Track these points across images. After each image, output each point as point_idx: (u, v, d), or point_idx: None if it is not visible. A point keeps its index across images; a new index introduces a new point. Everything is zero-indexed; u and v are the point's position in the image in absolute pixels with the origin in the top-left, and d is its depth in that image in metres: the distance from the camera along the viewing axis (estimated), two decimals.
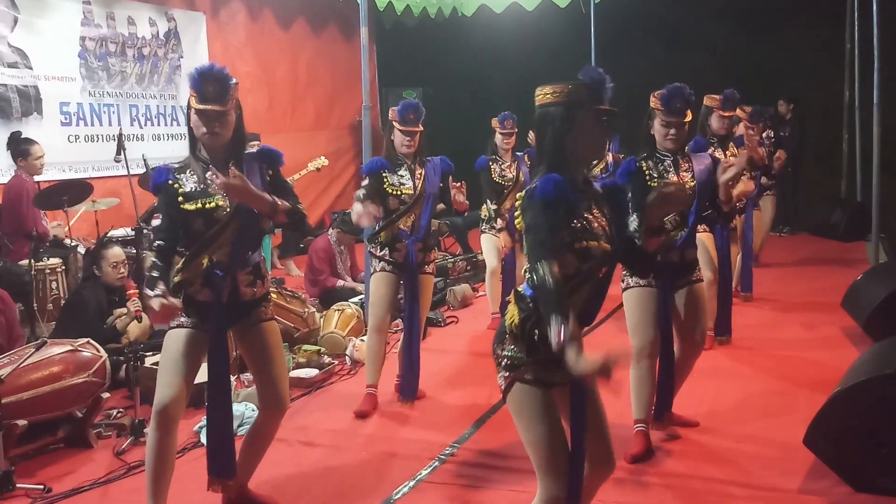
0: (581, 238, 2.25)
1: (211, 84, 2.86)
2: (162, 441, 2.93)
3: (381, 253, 4.22)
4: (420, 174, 4.19)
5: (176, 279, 2.94)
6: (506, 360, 2.33)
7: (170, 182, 2.91)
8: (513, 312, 2.32)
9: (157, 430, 2.93)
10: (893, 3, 7.10)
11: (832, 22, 9.71)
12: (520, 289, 2.34)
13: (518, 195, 2.34)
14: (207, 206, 2.90)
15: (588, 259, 2.27)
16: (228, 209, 2.92)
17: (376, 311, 4.24)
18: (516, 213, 2.31)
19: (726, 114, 5.14)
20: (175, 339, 2.96)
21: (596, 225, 2.30)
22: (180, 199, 2.89)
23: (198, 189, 2.91)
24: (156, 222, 2.97)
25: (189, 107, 2.92)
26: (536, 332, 2.25)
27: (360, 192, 4.03)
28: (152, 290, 2.76)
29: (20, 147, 5.95)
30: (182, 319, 2.95)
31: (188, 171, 2.94)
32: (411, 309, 4.21)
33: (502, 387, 2.37)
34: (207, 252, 2.93)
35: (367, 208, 3.90)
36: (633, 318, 3.61)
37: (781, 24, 9.77)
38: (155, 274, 2.82)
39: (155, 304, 2.73)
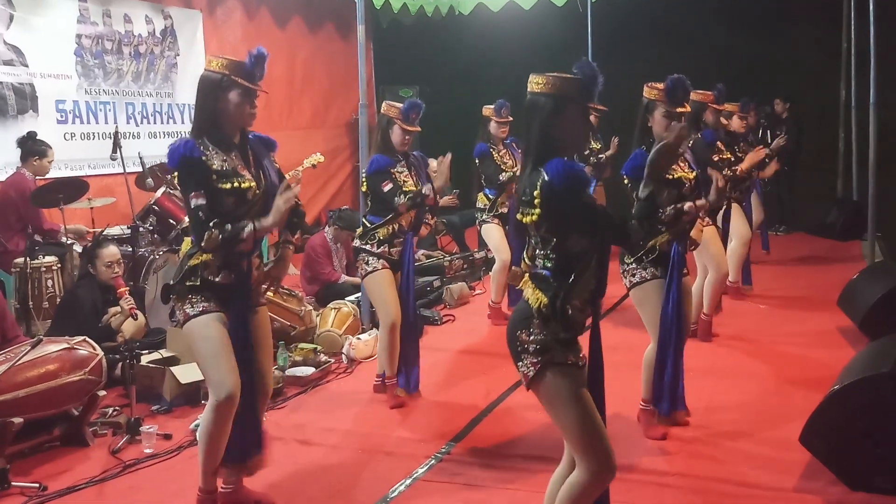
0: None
1: (261, 67, 2.94)
2: (227, 424, 2.95)
3: (380, 250, 4.20)
4: (413, 171, 4.23)
5: (192, 262, 2.91)
6: (534, 345, 2.36)
7: (203, 158, 2.86)
8: (537, 296, 2.36)
9: (228, 411, 2.91)
10: (890, 3, 7.11)
11: (829, 21, 9.73)
12: (539, 272, 2.39)
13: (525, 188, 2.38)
14: (242, 185, 2.90)
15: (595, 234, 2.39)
16: (258, 190, 2.94)
17: (392, 309, 4.21)
18: (504, 202, 2.43)
19: (721, 107, 5.29)
20: (211, 324, 2.91)
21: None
22: (214, 176, 2.86)
23: (227, 168, 2.89)
24: (197, 202, 2.84)
25: (223, 86, 2.88)
26: (569, 307, 2.35)
27: (401, 198, 4.05)
28: (250, 225, 2.81)
29: (38, 146, 5.96)
30: (203, 305, 2.91)
31: (210, 149, 2.90)
32: (407, 303, 4.25)
33: (529, 373, 2.38)
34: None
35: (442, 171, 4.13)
36: (650, 313, 3.66)
37: (778, 24, 9.77)
38: (231, 226, 2.81)
39: (280, 205, 2.83)
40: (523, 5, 9.00)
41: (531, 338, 2.36)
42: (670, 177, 3.58)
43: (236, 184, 2.88)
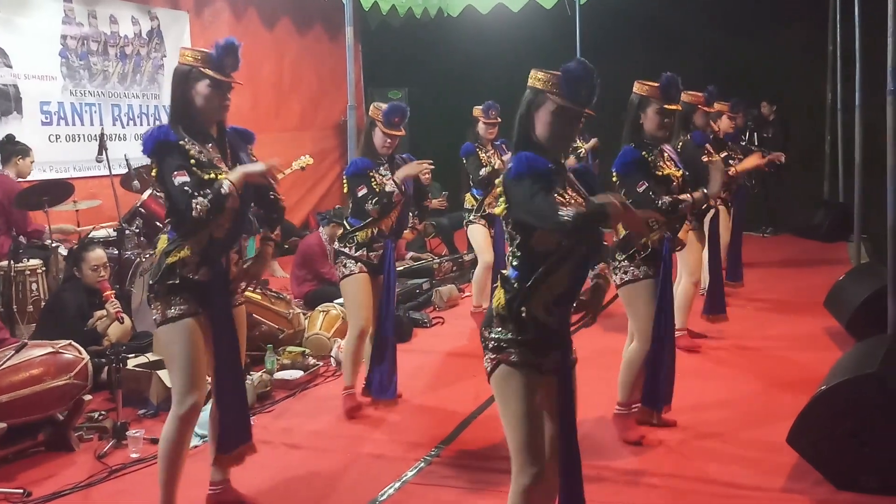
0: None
1: (232, 57, 2.88)
2: (189, 435, 2.96)
3: (358, 253, 4.13)
4: None
5: (170, 260, 2.86)
6: (492, 342, 2.38)
7: (181, 143, 2.81)
8: (499, 295, 2.38)
9: (191, 422, 2.92)
10: (874, 6, 7.16)
11: (815, 24, 9.79)
12: (505, 272, 2.40)
13: (496, 181, 2.41)
14: (219, 177, 2.83)
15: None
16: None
17: (363, 315, 4.15)
18: (490, 202, 2.42)
19: (711, 109, 5.32)
20: (188, 329, 2.87)
21: (573, 202, 2.33)
22: (193, 162, 2.79)
23: (205, 159, 2.84)
24: (182, 178, 2.74)
25: (192, 78, 2.84)
26: (524, 310, 2.32)
27: (370, 206, 3.99)
28: (225, 181, 2.75)
29: (17, 147, 5.93)
30: (182, 308, 2.87)
31: (186, 139, 2.84)
32: (387, 308, 4.17)
33: (488, 369, 2.42)
34: (209, 227, 2.85)
35: (405, 169, 4.02)
36: (647, 312, 3.64)
37: (765, 26, 9.83)
38: (209, 190, 2.74)
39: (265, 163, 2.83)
40: (512, 7, 9.03)
41: (491, 335, 2.38)
42: (660, 173, 3.61)
43: (213, 175, 2.82)
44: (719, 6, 9.73)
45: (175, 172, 2.75)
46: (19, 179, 5.91)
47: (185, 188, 2.73)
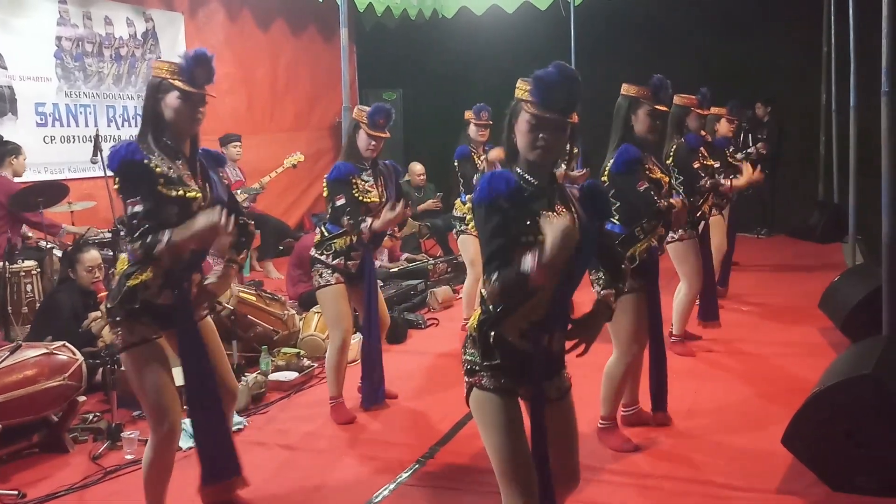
0: (530, 233, 2.11)
1: (203, 68, 2.78)
2: (171, 456, 2.91)
3: (335, 262, 4.03)
4: (380, 181, 4.08)
5: (132, 283, 2.74)
6: (467, 364, 2.28)
7: (146, 161, 2.70)
8: (475, 315, 2.29)
9: (170, 446, 2.87)
10: (869, 7, 7.18)
11: (809, 25, 9.82)
12: (483, 292, 2.25)
13: (469, 197, 2.35)
14: (188, 195, 2.74)
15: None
16: (203, 203, 2.79)
17: (343, 327, 4.07)
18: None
19: (705, 112, 5.30)
20: (152, 353, 2.80)
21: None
22: (161, 180, 2.69)
23: (174, 175, 2.74)
24: (134, 209, 2.66)
25: (162, 89, 2.75)
26: (493, 334, 2.21)
27: (346, 219, 3.88)
28: (165, 237, 2.60)
29: (8, 147, 5.95)
30: (144, 333, 2.79)
31: (155, 154, 2.74)
32: (369, 317, 4.10)
33: (465, 392, 2.31)
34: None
35: (387, 216, 3.82)
36: (628, 326, 3.59)
37: (759, 27, 9.86)
38: (149, 238, 2.62)
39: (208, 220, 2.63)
40: (506, 9, 9.04)
41: (465, 357, 2.29)
42: (654, 175, 3.61)
43: (181, 192, 2.72)
44: (714, 7, 9.76)
45: (130, 200, 2.67)
46: (15, 179, 5.91)
47: (134, 221, 2.66)
